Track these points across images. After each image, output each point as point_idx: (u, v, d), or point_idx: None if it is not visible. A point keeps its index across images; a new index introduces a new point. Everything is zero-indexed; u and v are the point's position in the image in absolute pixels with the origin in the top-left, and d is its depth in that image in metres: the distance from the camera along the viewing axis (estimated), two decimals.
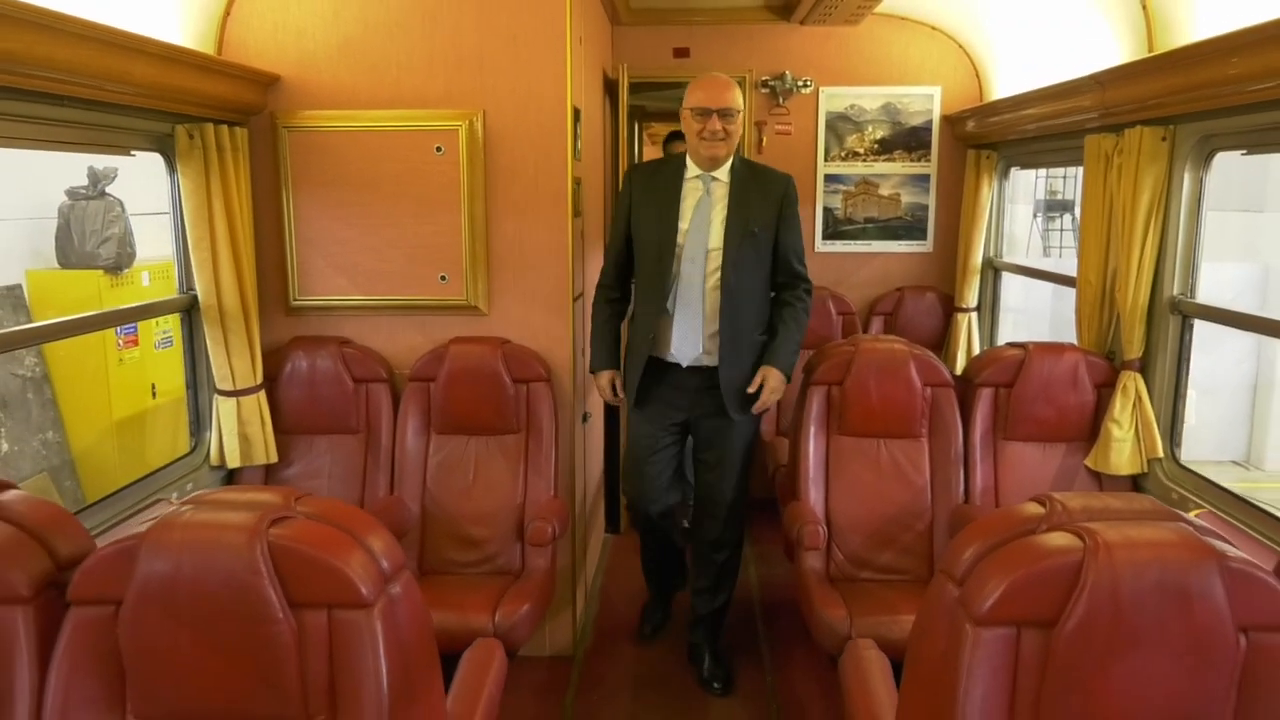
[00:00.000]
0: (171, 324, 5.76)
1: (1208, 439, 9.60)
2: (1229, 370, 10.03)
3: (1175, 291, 3.12)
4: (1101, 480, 3.24)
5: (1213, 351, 9.64)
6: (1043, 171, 12.76)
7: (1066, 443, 3.30)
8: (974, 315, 5.00)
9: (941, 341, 5.09)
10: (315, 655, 1.54)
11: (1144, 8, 3.14)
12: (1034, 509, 1.60)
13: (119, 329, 5.38)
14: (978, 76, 4.97)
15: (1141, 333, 3.17)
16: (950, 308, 5.09)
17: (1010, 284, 5.16)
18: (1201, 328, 3.14)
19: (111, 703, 1.56)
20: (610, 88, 4.77)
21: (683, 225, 3.08)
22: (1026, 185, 9.00)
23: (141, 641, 1.52)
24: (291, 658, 1.51)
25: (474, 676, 2.12)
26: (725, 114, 3.00)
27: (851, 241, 5.24)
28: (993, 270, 4.99)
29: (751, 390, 3.16)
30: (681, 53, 5.08)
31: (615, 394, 3.32)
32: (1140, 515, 1.53)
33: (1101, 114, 3.36)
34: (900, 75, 5.06)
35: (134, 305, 3.66)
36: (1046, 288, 7.49)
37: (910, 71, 5.05)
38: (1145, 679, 1.44)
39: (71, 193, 5.61)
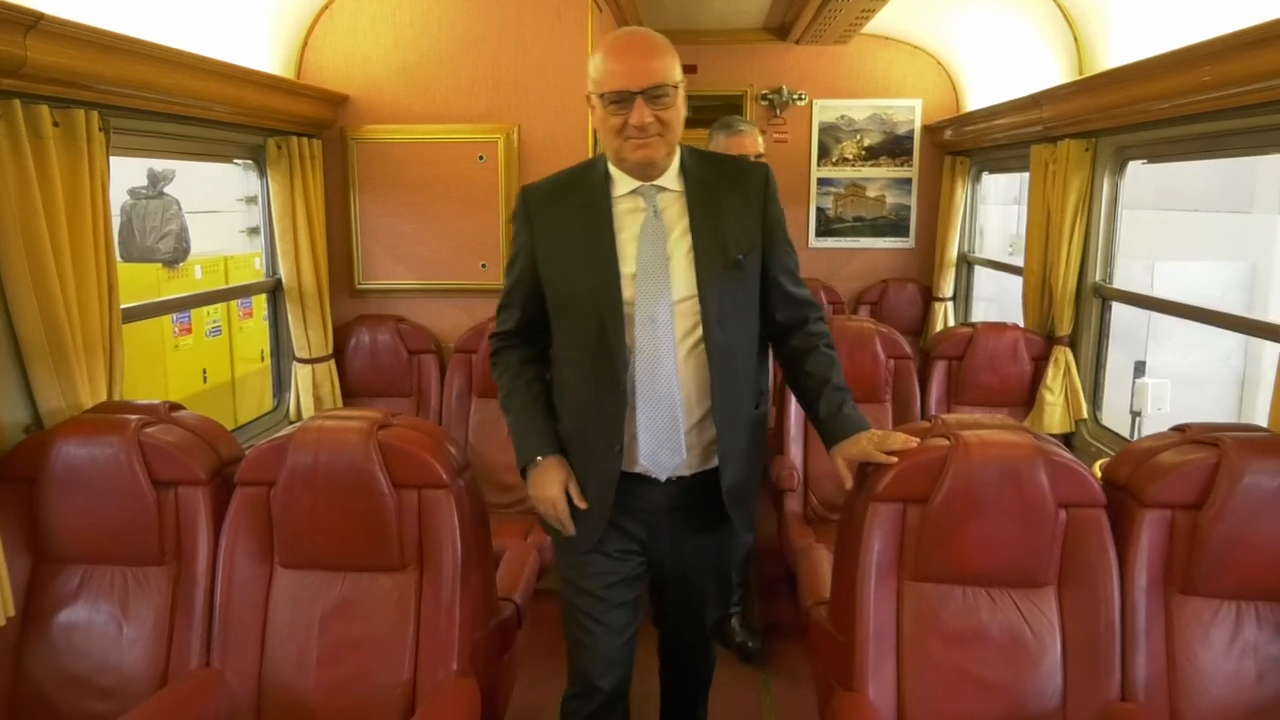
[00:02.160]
0: (220, 313, 6.41)
1: None
2: (1217, 365, 10.55)
3: (1097, 278, 3.73)
4: None
5: (1202, 348, 10.16)
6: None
7: (1009, 407, 3.91)
8: (950, 304, 5.60)
9: (922, 328, 5.69)
10: (409, 521, 2.17)
11: (1074, 36, 3.74)
12: (925, 425, 2.22)
13: (175, 317, 6.01)
14: (955, 90, 5.57)
15: (1070, 313, 3.78)
16: (929, 297, 5.70)
17: (985, 275, 5.75)
18: (1191, 326, 3.42)
19: (265, 555, 2.21)
20: None
21: (627, 270, 2.01)
22: (1010, 186, 9.56)
23: (288, 510, 2.16)
24: (393, 522, 2.15)
25: None
26: (655, 95, 1.89)
27: (841, 238, 5.86)
28: (966, 264, 5.60)
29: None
30: (689, 69, 5.69)
31: (570, 507, 2.13)
32: (997, 427, 2.14)
33: (1044, 127, 3.96)
34: (885, 89, 5.68)
35: (232, 286, 4.34)
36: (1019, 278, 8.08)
37: (894, 85, 5.67)
38: (991, 537, 2.05)
39: (134, 192, 6.23)
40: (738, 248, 2.04)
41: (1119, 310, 3.69)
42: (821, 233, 5.86)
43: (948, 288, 5.57)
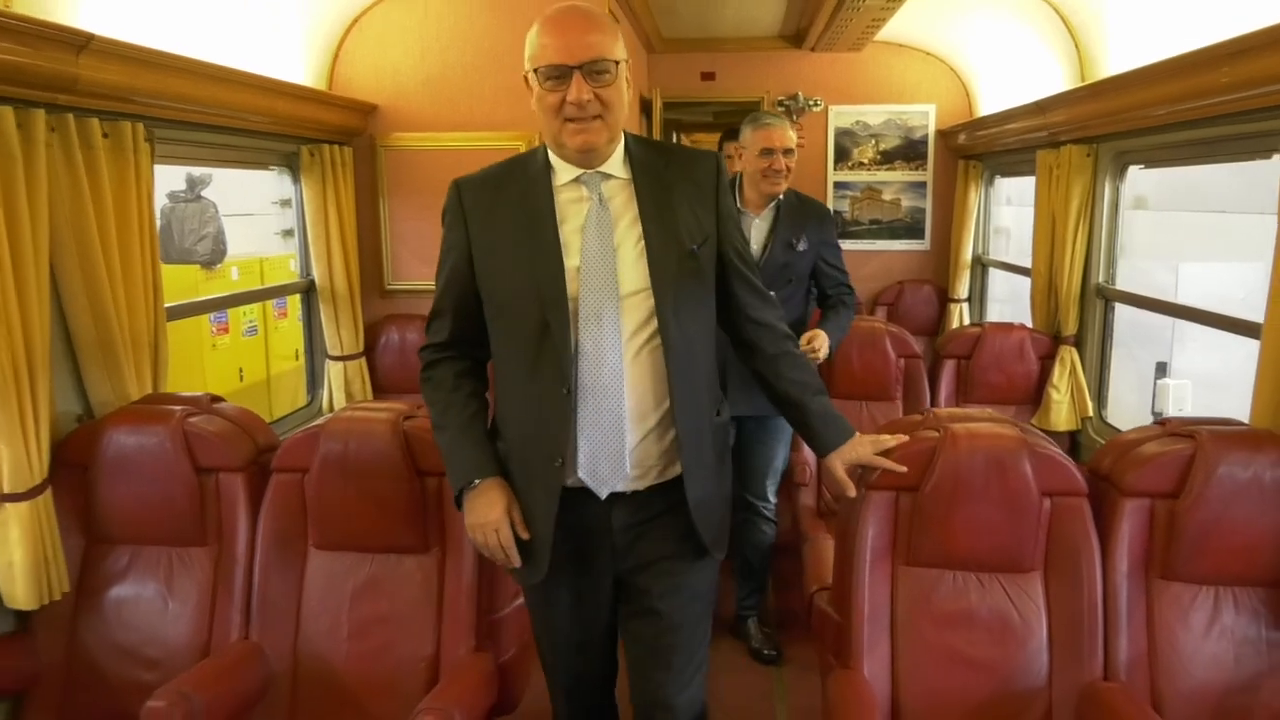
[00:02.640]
0: (255, 313, 6.62)
1: None
2: (1241, 367, 10.52)
3: (1100, 279, 3.82)
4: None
5: (1224, 349, 10.15)
6: None
7: (1016, 405, 4.01)
8: (965, 305, 5.70)
9: (937, 329, 5.79)
10: (432, 506, 2.33)
11: (1075, 44, 3.84)
12: (917, 418, 2.34)
13: (212, 316, 6.21)
14: (968, 95, 5.67)
15: (1075, 314, 3.88)
16: (945, 298, 5.79)
17: (1001, 276, 5.84)
18: (1216, 333, 3.33)
19: (299, 536, 2.37)
20: (645, 107, 5.55)
21: (571, 263, 1.86)
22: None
23: (321, 495, 2.32)
24: (418, 506, 2.31)
25: None
26: (594, 70, 1.77)
27: (858, 240, 5.96)
28: (980, 265, 5.69)
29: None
30: (708, 76, 5.85)
31: (513, 538, 1.92)
32: (985, 420, 2.26)
33: (1048, 133, 4.06)
34: (899, 95, 5.79)
35: (268, 286, 4.53)
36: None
37: (908, 91, 5.77)
38: (978, 524, 2.17)
39: (172, 196, 6.44)
40: (691, 237, 1.90)
41: (1142, 313, 3.73)
42: (838, 235, 5.95)
43: (963, 289, 5.67)
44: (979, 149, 5.36)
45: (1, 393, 2.14)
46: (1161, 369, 8.93)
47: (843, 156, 5.91)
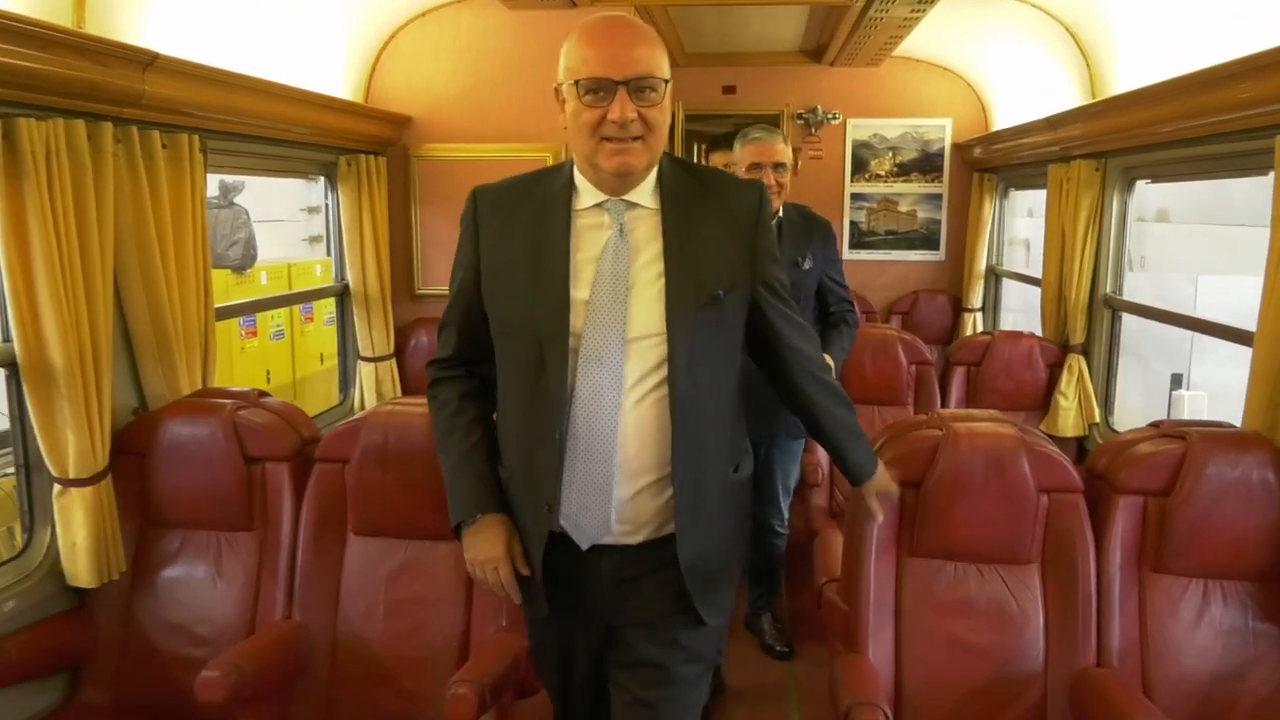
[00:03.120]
0: (282, 317, 6.80)
1: None
2: None
3: (1108, 290, 3.94)
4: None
5: (1242, 362, 10.18)
6: None
7: (1024, 411, 4.13)
8: (979, 314, 5.81)
9: (951, 337, 5.90)
10: None
11: (1086, 63, 3.97)
12: (922, 418, 2.48)
13: (241, 321, 6.39)
14: (983, 110, 5.79)
15: (1083, 323, 3.99)
16: (959, 308, 5.91)
17: (1015, 286, 5.95)
18: (1235, 346, 3.17)
19: (339, 523, 2.53)
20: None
21: (579, 295, 1.70)
22: None
23: (360, 484, 2.48)
24: None
25: None
26: (641, 87, 1.62)
27: (874, 251, 6.10)
28: (994, 276, 5.81)
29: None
30: (729, 90, 6.01)
31: (514, 575, 1.81)
32: (985, 420, 2.40)
33: (1060, 148, 4.18)
34: (916, 108, 5.92)
35: (305, 290, 4.74)
36: None
37: (925, 105, 5.91)
38: (978, 516, 2.30)
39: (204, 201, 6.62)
40: (717, 282, 1.71)
41: (1163, 326, 3.79)
42: (855, 245, 6.10)
43: (977, 299, 5.78)
44: (994, 162, 5.48)
45: (69, 386, 2.32)
46: (1177, 381, 8.99)
47: (860, 168, 6.05)
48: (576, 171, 1.76)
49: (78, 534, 2.40)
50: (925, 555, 2.37)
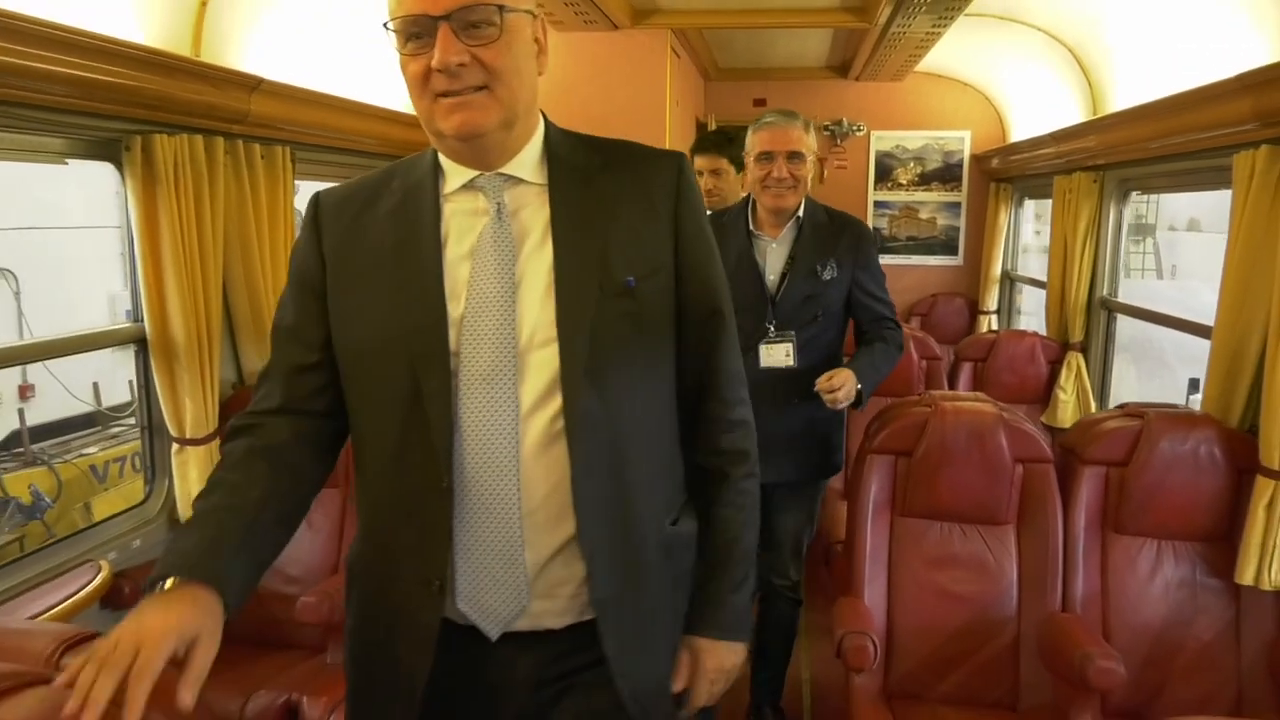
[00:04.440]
0: None
1: None
2: None
3: (1104, 293, 4.26)
4: (1053, 433, 4.39)
5: None
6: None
7: (1026, 404, 4.45)
8: (994, 316, 6.14)
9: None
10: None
11: (1088, 81, 4.30)
12: (915, 398, 2.85)
13: None
14: (1001, 122, 6.12)
15: (1082, 323, 4.32)
16: (975, 310, 6.25)
17: (1028, 290, 6.26)
18: None
19: None
20: (700, 130, 6.10)
21: (455, 309, 1.34)
22: None
23: None
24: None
25: None
26: (472, 21, 1.26)
27: (895, 256, 6.45)
28: (1009, 280, 6.13)
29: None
30: (760, 102, 6.38)
31: (155, 671, 1.09)
32: (970, 399, 2.76)
33: (1064, 161, 4.51)
34: (937, 121, 6.27)
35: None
36: None
37: (945, 118, 6.26)
38: (960, 484, 2.66)
39: None
40: (628, 266, 1.36)
41: (1179, 333, 4.05)
42: (878, 251, 6.43)
43: (992, 301, 6.12)
44: (1010, 173, 5.81)
45: (189, 360, 2.75)
46: (1194, 385, 9.19)
47: (883, 177, 6.40)
48: (439, 155, 1.41)
49: (193, 488, 2.83)
50: (915, 515, 2.73)
